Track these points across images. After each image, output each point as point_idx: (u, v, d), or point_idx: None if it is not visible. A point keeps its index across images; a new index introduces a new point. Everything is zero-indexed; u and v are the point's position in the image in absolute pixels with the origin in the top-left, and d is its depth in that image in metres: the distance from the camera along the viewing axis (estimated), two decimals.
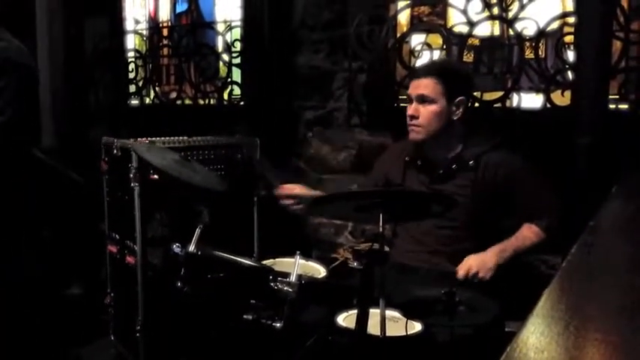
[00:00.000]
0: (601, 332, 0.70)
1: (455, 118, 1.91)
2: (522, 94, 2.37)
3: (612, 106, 2.15)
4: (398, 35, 2.61)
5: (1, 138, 1.47)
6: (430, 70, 1.97)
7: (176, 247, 1.79)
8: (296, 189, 2.10)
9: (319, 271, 1.94)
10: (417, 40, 2.59)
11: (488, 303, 1.47)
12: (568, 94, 2.24)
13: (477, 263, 1.78)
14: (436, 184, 1.93)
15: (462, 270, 1.77)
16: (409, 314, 1.47)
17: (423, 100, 1.90)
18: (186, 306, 1.81)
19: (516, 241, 1.86)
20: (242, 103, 3.14)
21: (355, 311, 1.43)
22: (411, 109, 1.93)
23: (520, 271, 1.94)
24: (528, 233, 1.88)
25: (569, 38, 2.23)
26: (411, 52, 2.60)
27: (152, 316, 2.27)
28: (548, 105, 2.30)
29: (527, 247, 1.87)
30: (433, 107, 1.89)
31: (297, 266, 1.64)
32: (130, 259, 2.35)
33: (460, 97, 1.90)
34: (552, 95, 2.29)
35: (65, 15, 3.67)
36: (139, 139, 2.30)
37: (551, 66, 2.30)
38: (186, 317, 1.87)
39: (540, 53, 2.30)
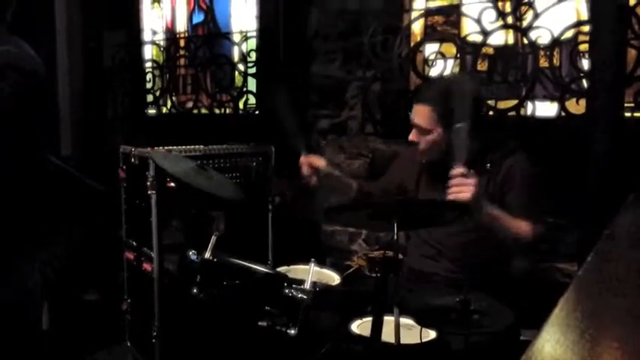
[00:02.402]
0: (617, 340, 0.70)
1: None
2: (537, 103, 2.37)
3: (628, 115, 2.14)
4: (412, 44, 2.63)
5: None
6: (425, 97, 1.92)
7: (192, 254, 1.81)
8: (319, 162, 2.11)
9: (333, 278, 1.95)
10: (430, 49, 2.61)
11: (503, 311, 1.47)
12: (583, 102, 2.24)
13: (468, 188, 1.69)
14: None
15: (452, 194, 1.70)
16: (423, 322, 1.47)
17: (419, 129, 1.90)
18: (202, 312, 1.82)
19: (508, 218, 1.79)
20: (257, 112, 3.17)
21: (369, 318, 1.44)
22: (411, 136, 1.93)
23: (535, 279, 1.92)
24: (522, 223, 1.80)
25: (583, 47, 2.23)
26: (425, 61, 2.61)
27: (168, 322, 2.29)
28: (563, 113, 2.29)
29: (512, 228, 1.79)
30: (430, 137, 1.88)
31: (312, 273, 1.64)
32: (146, 266, 2.37)
33: (459, 125, 1.85)
34: (567, 103, 2.29)
35: (84, 27, 3.75)
36: (156, 147, 2.34)
37: (565, 74, 2.30)
38: (201, 323, 1.89)
39: (555, 62, 2.30)
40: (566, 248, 1.88)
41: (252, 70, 3.17)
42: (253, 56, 3.15)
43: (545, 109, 2.36)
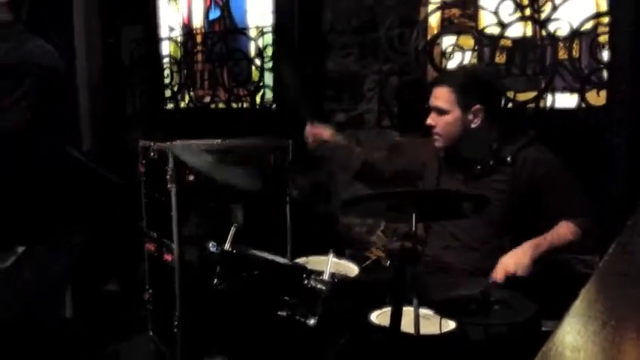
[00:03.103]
0: (638, 332, 0.70)
1: (473, 126, 1.90)
2: (557, 94, 2.35)
3: None
4: (429, 37, 2.62)
5: (20, 139, 1.52)
6: (444, 79, 1.98)
7: (212, 246, 1.84)
8: (325, 132, 2.14)
9: (352, 269, 1.96)
10: (448, 42, 2.60)
11: (524, 302, 1.47)
12: (603, 93, 2.22)
13: (513, 262, 1.76)
14: (473, 181, 1.92)
15: (499, 273, 1.75)
16: (443, 313, 1.48)
17: (438, 110, 1.92)
18: (222, 302, 1.85)
19: (552, 237, 1.83)
20: (274, 106, 3.19)
21: (388, 309, 1.45)
22: (428, 119, 1.95)
23: (557, 270, 1.92)
24: (565, 230, 1.85)
25: (603, 38, 2.21)
26: (443, 54, 2.60)
27: (189, 313, 2.32)
28: (583, 105, 2.27)
29: (562, 244, 1.84)
30: (447, 118, 1.90)
31: (330, 264, 1.66)
32: (167, 257, 2.41)
33: (476, 106, 1.88)
34: (587, 95, 2.27)
35: (102, 23, 3.80)
36: (174, 142, 2.37)
37: (585, 66, 2.28)
38: (222, 313, 1.92)
39: (574, 53, 2.28)
40: (588, 240, 1.87)
41: (269, 65, 3.19)
42: (269, 51, 3.17)
43: (565, 100, 2.34)
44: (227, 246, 1.80)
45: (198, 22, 3.57)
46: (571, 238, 1.84)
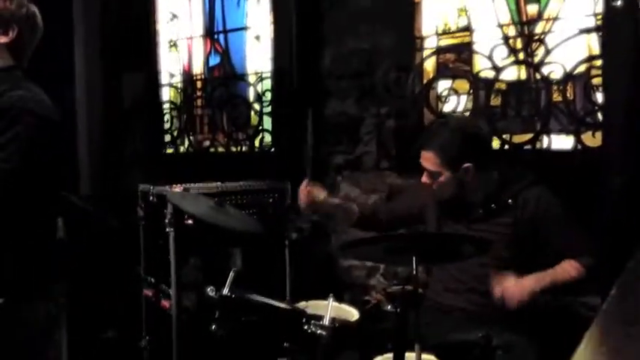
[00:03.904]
0: None
1: (467, 180, 1.91)
2: (552, 136, 2.38)
3: None
4: (425, 81, 2.67)
5: (7, 185, 1.48)
6: (429, 142, 1.96)
7: (210, 290, 1.81)
8: (318, 193, 2.15)
9: (352, 314, 1.93)
10: (443, 85, 2.65)
11: (526, 347, 1.45)
12: (599, 134, 2.24)
13: (514, 284, 1.74)
14: (474, 224, 1.92)
15: (497, 290, 1.74)
16: (445, 358, 1.45)
17: (429, 173, 1.94)
18: (221, 349, 1.81)
19: (554, 272, 1.82)
20: (273, 149, 3.21)
21: (390, 355, 1.42)
22: (423, 178, 1.97)
23: (559, 313, 1.89)
24: (568, 267, 1.84)
25: (597, 80, 2.25)
26: (438, 98, 2.65)
27: (187, 359, 2.27)
28: (579, 146, 2.29)
29: (565, 280, 1.82)
30: (440, 179, 1.92)
31: (331, 309, 1.64)
32: (165, 303, 2.38)
33: (465, 164, 1.89)
34: (583, 136, 2.29)
35: (103, 68, 3.87)
36: (174, 185, 2.38)
37: (580, 108, 2.32)
38: None
39: (568, 95, 2.32)
40: (588, 281, 1.86)
41: (268, 109, 3.23)
42: (268, 96, 3.22)
43: (561, 142, 2.37)
44: (226, 290, 1.78)
45: (198, 68, 3.65)
46: (573, 275, 1.83)
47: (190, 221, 2.28)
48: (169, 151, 3.73)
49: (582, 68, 2.29)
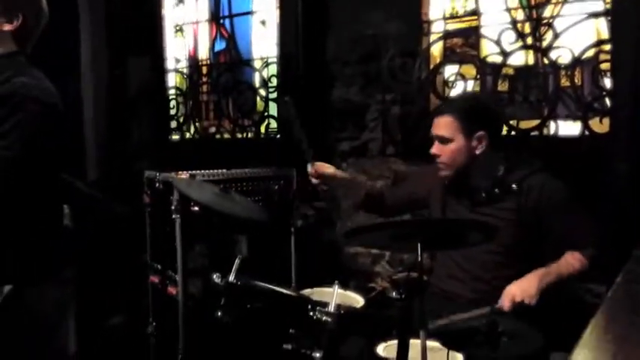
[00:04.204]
0: None
1: (478, 152, 1.90)
2: (560, 122, 2.36)
3: None
4: (431, 67, 2.65)
5: (8, 173, 1.45)
6: (446, 107, 1.98)
7: (216, 277, 1.82)
8: (326, 169, 2.16)
9: (357, 300, 1.94)
10: (450, 70, 2.62)
11: (531, 333, 1.44)
12: (606, 121, 2.22)
13: (519, 290, 1.74)
14: (479, 209, 1.92)
15: (506, 301, 1.73)
16: (450, 345, 1.45)
17: (441, 140, 1.93)
18: (226, 335, 1.83)
19: (559, 267, 1.82)
20: (278, 136, 3.21)
21: (395, 341, 1.42)
22: (433, 149, 1.96)
23: (564, 300, 1.89)
24: (572, 260, 1.84)
25: (605, 65, 2.22)
26: (445, 83, 2.63)
27: (193, 346, 2.29)
28: (587, 132, 2.27)
29: (569, 273, 1.82)
30: (452, 146, 1.91)
31: (336, 296, 1.64)
32: (171, 289, 2.39)
33: (480, 132, 1.89)
34: (590, 122, 2.27)
35: (109, 55, 3.87)
36: (179, 172, 2.38)
37: (587, 93, 2.29)
38: (226, 346, 1.89)
39: (576, 81, 2.29)
40: (594, 268, 1.85)
41: (273, 95, 3.22)
42: (274, 82, 3.21)
43: (568, 128, 2.35)
44: (231, 277, 1.79)
45: (203, 53, 3.63)
46: (578, 268, 1.84)
47: (196, 208, 2.28)
48: (175, 137, 3.73)
49: (591, 53, 2.26)
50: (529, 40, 2.41)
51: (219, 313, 1.75)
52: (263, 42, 3.30)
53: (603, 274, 1.77)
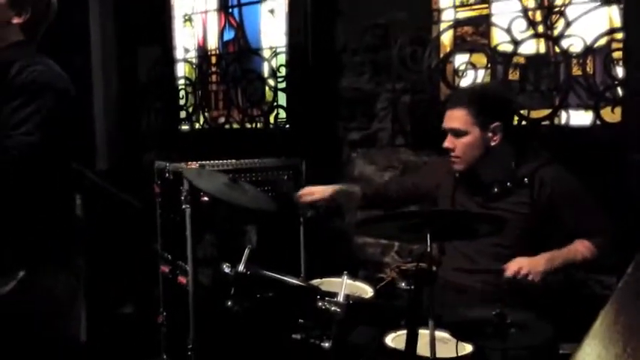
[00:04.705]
0: None
1: (493, 144, 1.88)
2: (571, 111, 2.33)
3: None
4: (441, 56, 2.62)
5: (29, 157, 1.49)
6: (459, 100, 1.93)
7: (226, 267, 1.84)
8: (314, 194, 2.19)
9: (366, 291, 1.95)
10: (460, 59, 2.60)
11: (541, 324, 1.44)
12: (618, 110, 2.19)
13: (527, 263, 1.73)
14: (490, 203, 1.90)
15: (511, 268, 1.73)
16: (459, 335, 1.46)
17: (455, 133, 1.90)
18: (236, 325, 1.84)
19: (567, 253, 1.81)
20: (288, 126, 3.20)
21: (404, 332, 1.43)
22: (446, 142, 1.92)
23: (574, 291, 1.89)
24: (580, 247, 1.83)
25: (617, 54, 2.19)
26: (455, 72, 2.60)
27: (203, 335, 2.32)
28: (598, 122, 2.25)
29: (577, 260, 1.82)
30: (467, 139, 1.88)
31: (345, 286, 1.65)
32: (181, 279, 2.41)
33: (495, 123, 1.86)
34: (602, 112, 2.24)
35: (118, 44, 3.88)
36: (189, 162, 2.39)
37: (599, 82, 2.26)
38: (236, 336, 1.91)
39: (588, 70, 2.26)
40: (604, 259, 1.84)
41: (282, 85, 3.21)
42: (283, 71, 3.20)
43: (580, 117, 2.32)
44: (241, 267, 1.80)
45: (212, 43, 3.62)
46: (586, 256, 1.82)
47: (206, 198, 2.30)
48: (185, 127, 3.74)
49: (603, 41, 2.23)
50: (540, 29, 2.38)
51: (229, 303, 1.76)
52: (272, 31, 3.28)
53: (614, 264, 1.77)
